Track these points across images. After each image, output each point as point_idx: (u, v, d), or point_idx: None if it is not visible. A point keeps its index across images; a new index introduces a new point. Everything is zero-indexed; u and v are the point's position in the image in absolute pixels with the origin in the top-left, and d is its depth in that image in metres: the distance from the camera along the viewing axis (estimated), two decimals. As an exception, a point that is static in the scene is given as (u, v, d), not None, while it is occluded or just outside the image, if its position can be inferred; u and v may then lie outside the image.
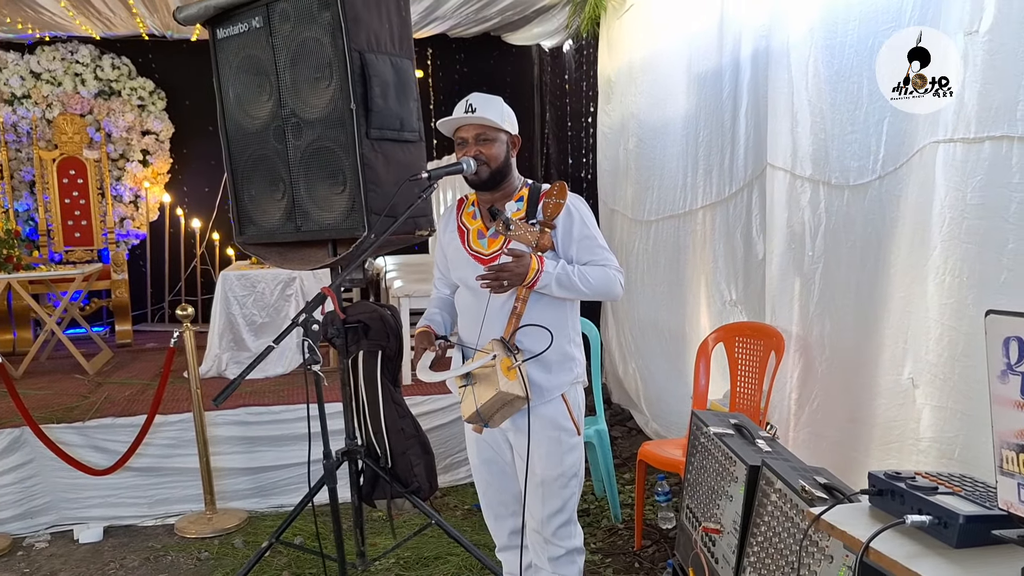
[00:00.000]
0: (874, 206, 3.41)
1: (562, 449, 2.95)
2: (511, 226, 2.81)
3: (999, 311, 1.44)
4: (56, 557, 4.55)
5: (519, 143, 3.03)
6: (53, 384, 6.03)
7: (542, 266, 2.80)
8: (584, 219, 2.95)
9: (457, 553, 4.28)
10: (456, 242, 3.06)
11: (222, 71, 3.78)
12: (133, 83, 8.78)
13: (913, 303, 3.18)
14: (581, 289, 2.87)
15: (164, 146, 8.99)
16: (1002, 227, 2.64)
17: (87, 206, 8.43)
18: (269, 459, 5.08)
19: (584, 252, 2.92)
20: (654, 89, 5.80)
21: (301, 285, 6.16)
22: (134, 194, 8.90)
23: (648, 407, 6.15)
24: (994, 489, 1.53)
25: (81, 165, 8.39)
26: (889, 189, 3.31)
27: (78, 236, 8.42)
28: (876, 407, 3.43)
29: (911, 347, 3.22)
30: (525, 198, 2.97)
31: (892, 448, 3.35)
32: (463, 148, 2.94)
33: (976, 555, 1.49)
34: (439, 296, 3.26)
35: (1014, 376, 1.40)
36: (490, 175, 2.92)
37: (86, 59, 8.60)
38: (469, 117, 2.90)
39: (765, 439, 2.74)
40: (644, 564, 4.20)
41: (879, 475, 1.75)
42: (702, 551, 2.68)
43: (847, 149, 3.55)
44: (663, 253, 5.74)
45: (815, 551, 2.05)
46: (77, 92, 8.59)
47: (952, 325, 2.94)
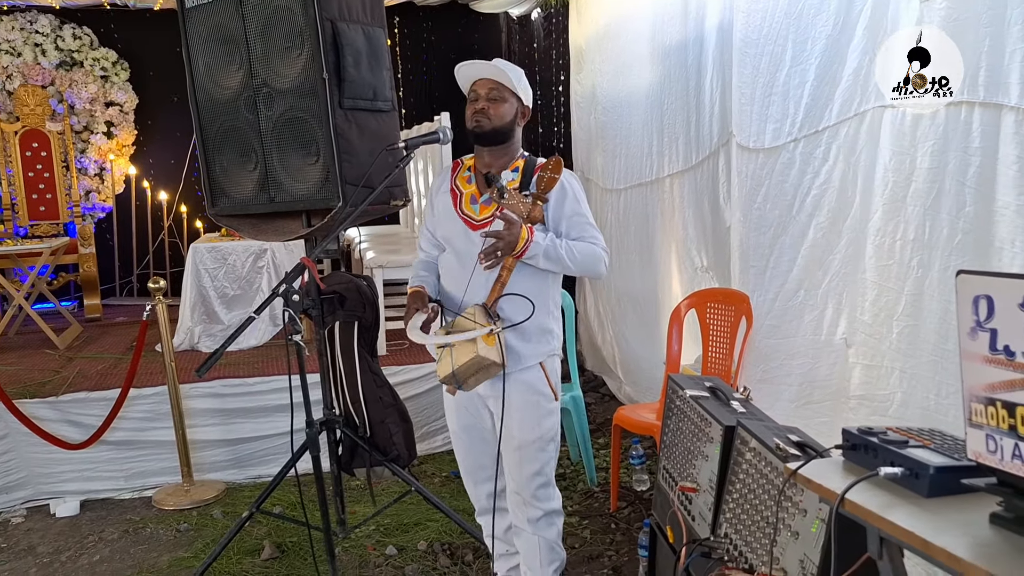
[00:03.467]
0: (797, 169, 3.50)
1: (540, 413, 3.02)
2: (505, 194, 2.86)
3: (969, 271, 1.49)
4: (33, 532, 4.56)
5: (528, 115, 3.09)
6: (23, 359, 5.99)
7: (532, 236, 2.84)
8: (577, 196, 3.00)
9: (436, 519, 4.34)
10: (448, 203, 3.10)
11: (191, 41, 3.73)
12: (95, 53, 8.65)
13: (850, 264, 3.26)
14: (567, 263, 2.91)
15: (129, 118, 8.88)
16: (960, 190, 2.70)
17: (51, 179, 8.34)
18: (246, 431, 5.10)
19: (573, 228, 2.97)
20: (622, 56, 5.83)
21: (272, 257, 6.16)
22: (99, 167, 8.80)
23: (623, 373, 6.22)
24: (961, 442, 1.59)
25: (44, 138, 8.30)
26: (812, 151, 3.41)
27: (43, 210, 8.34)
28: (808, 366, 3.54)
29: (846, 307, 3.31)
30: (521, 168, 3.02)
31: (826, 406, 3.46)
32: (474, 102, 2.99)
33: (946, 503, 1.55)
34: (426, 258, 3.28)
35: (983, 332, 1.45)
36: (492, 129, 2.96)
37: (46, 29, 8.45)
38: (486, 65, 2.97)
39: (739, 400, 2.80)
40: (620, 525, 4.28)
41: (852, 430, 1.81)
42: (679, 509, 2.74)
43: (769, 112, 3.65)
44: (633, 221, 5.80)
45: (789, 505, 2.12)
46: (38, 63, 8.45)
47: (891, 286, 3.01)
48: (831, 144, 3.34)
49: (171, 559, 4.16)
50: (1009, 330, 1.40)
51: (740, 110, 3.90)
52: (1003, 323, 1.42)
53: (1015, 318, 1.39)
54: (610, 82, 6.10)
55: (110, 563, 4.17)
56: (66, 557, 4.25)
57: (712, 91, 4.39)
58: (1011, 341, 1.40)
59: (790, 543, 2.09)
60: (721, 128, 4.27)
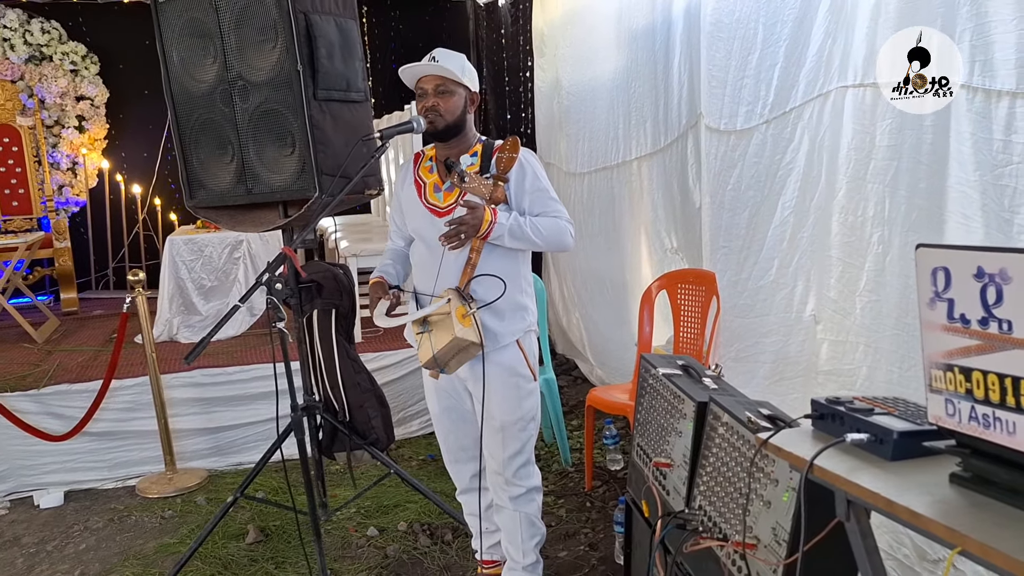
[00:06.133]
0: (769, 149, 3.58)
1: (520, 394, 3.10)
2: (465, 179, 2.91)
3: (928, 244, 1.57)
4: (18, 523, 4.59)
5: (477, 100, 3.12)
6: (1, 354, 5.98)
7: (495, 217, 2.91)
8: (536, 172, 3.05)
9: (415, 500, 4.42)
10: (413, 195, 3.15)
11: (165, 34, 3.75)
12: (64, 47, 8.60)
13: (817, 242, 3.35)
14: (533, 239, 2.97)
15: (100, 111, 8.84)
16: (915, 168, 2.77)
17: (23, 174, 8.30)
18: (227, 419, 5.15)
19: (536, 204, 3.03)
20: (586, 41, 5.88)
21: (248, 248, 6.20)
22: (72, 161, 8.76)
23: (593, 355, 6.29)
24: (924, 408, 1.67)
25: (15, 132, 8.26)
26: (780, 132, 3.49)
27: (16, 205, 8.31)
28: (780, 344, 3.63)
29: (814, 284, 3.40)
30: (479, 152, 3.07)
31: (797, 383, 3.55)
32: (422, 99, 3.02)
33: (909, 465, 1.64)
34: (393, 248, 3.36)
35: (941, 303, 1.53)
36: (445, 127, 3.00)
37: (14, 23, 8.38)
38: (430, 66, 2.98)
39: (711, 377, 2.88)
40: (595, 503, 4.37)
41: (820, 400, 1.89)
42: (654, 484, 2.81)
43: (742, 95, 3.73)
44: (598, 204, 5.86)
45: (761, 476, 2.20)
46: (6, 58, 8.40)
47: (853, 263, 3.10)
48: (797, 124, 3.41)
49: (157, 545, 4.22)
50: (964, 299, 1.48)
51: (710, 92, 3.97)
52: (959, 293, 1.50)
53: (970, 288, 1.46)
54: (573, 67, 6.15)
55: (96, 551, 4.22)
56: (52, 547, 4.29)
57: (680, 74, 4.43)
58: (966, 310, 1.48)
59: (762, 512, 2.17)
60: (690, 110, 4.33)
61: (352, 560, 3.95)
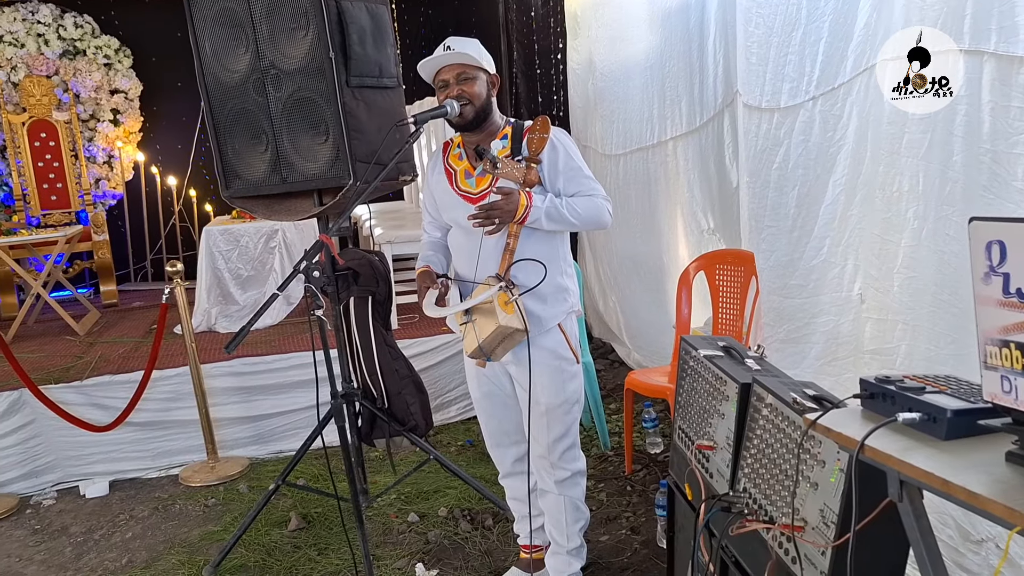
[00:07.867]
0: (818, 126, 3.51)
1: (563, 378, 3.08)
2: (498, 164, 2.87)
3: (982, 217, 1.52)
4: (66, 512, 4.65)
5: (498, 82, 3.09)
6: (45, 347, 6.08)
7: (531, 201, 2.88)
8: (568, 151, 3.01)
9: (455, 486, 4.42)
10: (444, 184, 3.13)
11: (197, 25, 3.76)
12: (98, 41, 8.69)
13: (865, 220, 3.29)
14: (570, 220, 2.94)
15: (134, 104, 8.93)
16: (948, 140, 2.71)
17: (61, 168, 8.40)
18: (267, 407, 5.20)
19: (571, 183, 3.00)
20: (619, 21, 5.81)
21: (284, 237, 6.23)
22: (107, 154, 8.85)
23: (630, 339, 6.26)
24: (977, 387, 1.64)
25: (52, 127, 8.35)
26: (830, 109, 3.42)
27: (54, 199, 8.41)
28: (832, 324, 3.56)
29: (861, 263, 3.34)
30: (509, 135, 3.04)
31: (848, 363, 3.49)
32: (444, 90, 2.99)
33: (964, 444, 1.60)
34: (430, 239, 3.32)
35: (996, 277, 1.48)
36: (474, 115, 2.97)
37: (47, 19, 8.49)
38: (448, 55, 2.95)
39: (754, 358, 2.84)
40: (636, 487, 4.35)
41: (870, 379, 1.85)
42: (697, 467, 2.79)
43: (785, 72, 3.65)
44: (634, 186, 5.81)
45: (808, 457, 2.17)
46: (41, 53, 8.48)
47: (891, 239, 3.04)
48: (846, 100, 3.34)
49: (202, 532, 4.27)
50: (1021, 273, 1.44)
51: (749, 70, 3.89)
52: (1015, 266, 1.45)
53: (1026, 261, 1.42)
54: (607, 48, 6.09)
55: (142, 539, 4.27)
56: (99, 535, 4.35)
57: (715, 52, 4.36)
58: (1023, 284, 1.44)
59: (810, 494, 2.14)
60: (726, 89, 4.26)
61: (393, 546, 3.96)
